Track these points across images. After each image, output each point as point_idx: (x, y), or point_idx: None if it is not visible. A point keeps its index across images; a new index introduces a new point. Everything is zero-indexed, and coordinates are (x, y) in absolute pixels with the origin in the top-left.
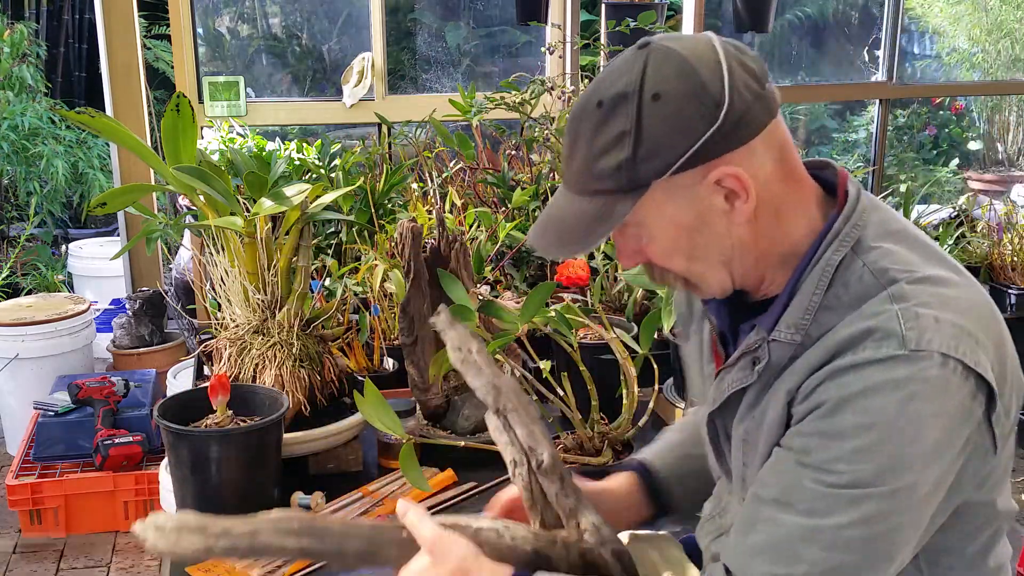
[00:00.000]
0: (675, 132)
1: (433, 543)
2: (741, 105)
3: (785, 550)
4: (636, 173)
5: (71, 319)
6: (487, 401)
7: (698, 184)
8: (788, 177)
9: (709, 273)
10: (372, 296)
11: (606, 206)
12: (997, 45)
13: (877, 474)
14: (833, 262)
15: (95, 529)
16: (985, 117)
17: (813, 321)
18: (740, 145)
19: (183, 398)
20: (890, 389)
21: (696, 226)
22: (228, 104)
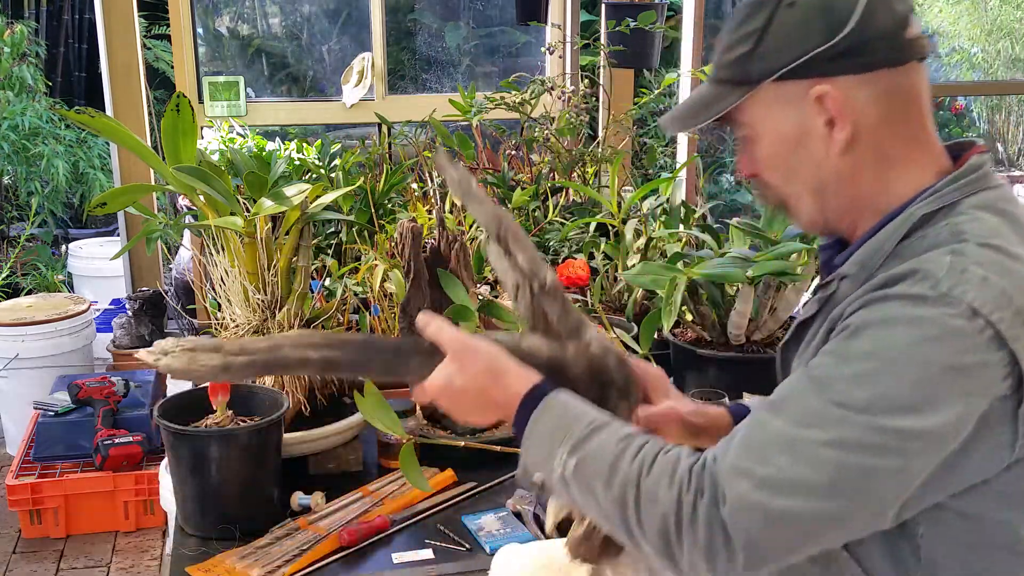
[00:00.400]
0: (793, 39)
1: (459, 347)
2: (865, 35)
3: (759, 449)
4: (747, 68)
5: (71, 319)
6: (489, 229)
7: (802, 98)
8: (905, 130)
9: (802, 198)
10: (372, 296)
11: (720, 93)
12: (997, 45)
13: (869, 403)
14: (917, 214)
15: (95, 529)
16: (985, 117)
17: (881, 266)
18: (851, 73)
19: (183, 398)
20: (905, 325)
21: (796, 141)
22: (228, 104)
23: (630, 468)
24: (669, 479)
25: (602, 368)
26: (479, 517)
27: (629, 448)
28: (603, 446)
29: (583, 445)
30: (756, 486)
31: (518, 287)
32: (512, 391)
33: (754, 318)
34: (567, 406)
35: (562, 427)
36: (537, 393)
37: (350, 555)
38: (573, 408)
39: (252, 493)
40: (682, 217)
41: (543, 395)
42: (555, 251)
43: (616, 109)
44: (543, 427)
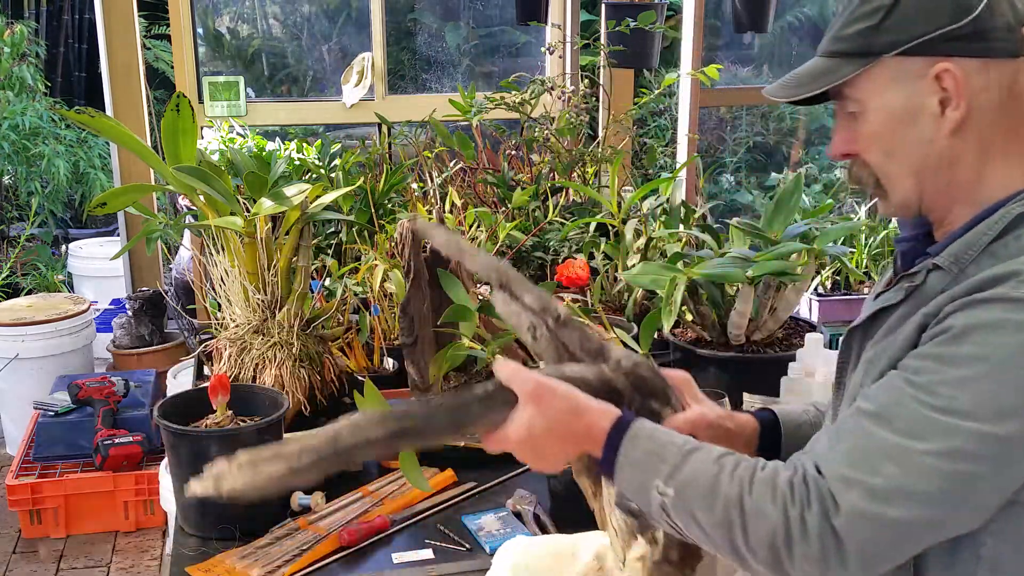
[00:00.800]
0: (921, 16)
1: (536, 389)
2: (990, 22)
3: (868, 459)
4: (871, 40)
5: (71, 319)
6: (491, 279)
7: (921, 77)
8: (1009, 124)
9: (900, 178)
10: (372, 296)
11: (836, 64)
12: None
13: (975, 407)
14: (1014, 212)
15: (95, 529)
16: None
17: (974, 261)
18: (973, 56)
19: (183, 398)
20: (1012, 329)
21: (905, 119)
22: (228, 104)
23: (730, 489)
24: (771, 495)
25: (641, 380)
26: (479, 517)
27: (724, 470)
28: (699, 470)
29: (679, 472)
30: (868, 496)
31: (534, 326)
32: (597, 427)
33: (754, 318)
34: (653, 435)
35: (653, 456)
36: (621, 425)
37: (350, 555)
38: (659, 435)
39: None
40: (682, 217)
41: (627, 426)
42: (555, 251)
43: (616, 109)
44: (634, 458)
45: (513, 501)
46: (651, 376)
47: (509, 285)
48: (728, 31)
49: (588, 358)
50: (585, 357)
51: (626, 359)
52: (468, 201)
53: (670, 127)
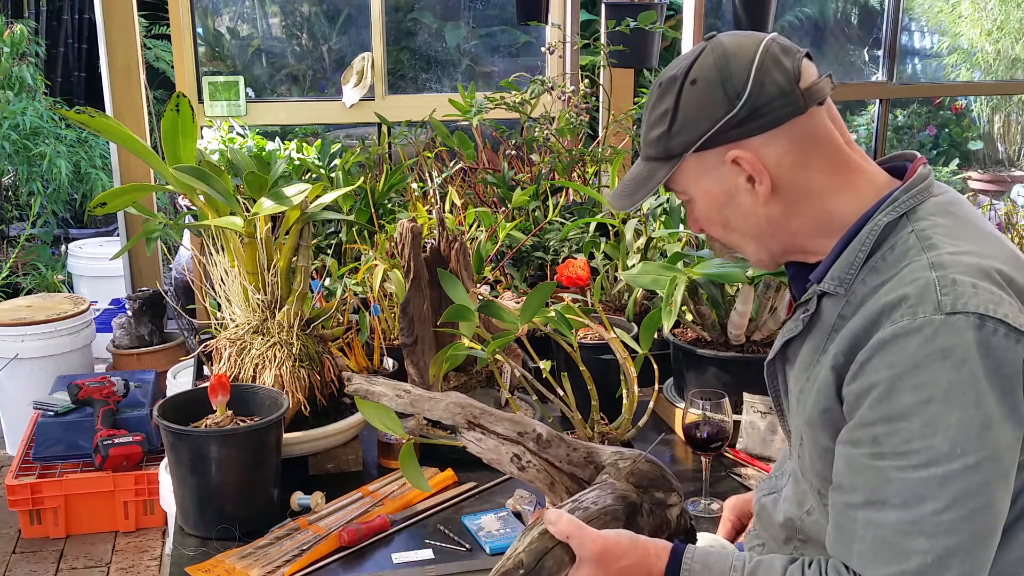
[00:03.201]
0: (700, 114)
1: (602, 552)
2: (762, 99)
3: (893, 548)
4: (669, 145)
5: (71, 319)
6: (456, 421)
7: (720, 163)
8: (823, 166)
9: (743, 244)
10: (372, 296)
11: (651, 170)
12: (997, 45)
13: (952, 445)
14: (882, 223)
15: (95, 529)
16: (985, 117)
17: (857, 279)
18: (757, 133)
19: (183, 398)
20: (939, 359)
21: (725, 200)
22: (228, 104)
23: None
24: None
25: (641, 475)
26: (479, 517)
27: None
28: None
29: None
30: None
31: (516, 456)
32: (656, 569)
33: (754, 318)
34: (708, 564)
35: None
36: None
37: (350, 555)
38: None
39: (252, 493)
40: (682, 217)
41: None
42: (555, 251)
43: (616, 109)
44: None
45: (513, 501)
46: (649, 468)
47: (478, 421)
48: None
49: (577, 469)
50: (574, 469)
51: (622, 460)
52: (468, 201)
53: None
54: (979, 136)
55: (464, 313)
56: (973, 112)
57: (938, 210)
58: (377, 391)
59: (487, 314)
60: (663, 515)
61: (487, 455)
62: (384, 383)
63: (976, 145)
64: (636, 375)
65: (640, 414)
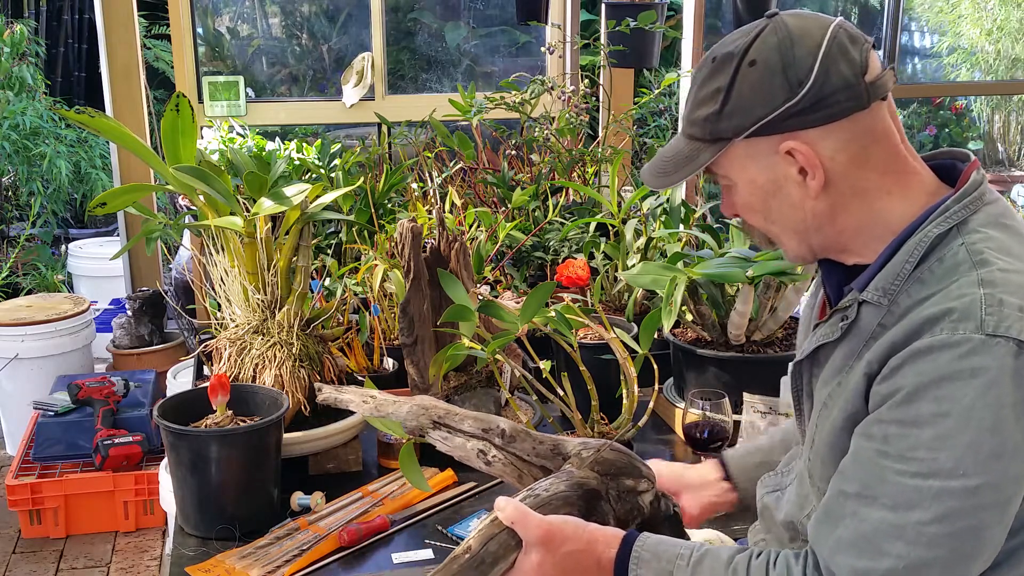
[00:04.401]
0: (757, 98)
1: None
2: (826, 90)
3: (870, 544)
4: (718, 127)
5: (71, 319)
6: (420, 422)
7: (773, 152)
8: (880, 165)
9: (784, 237)
10: (372, 296)
11: (694, 151)
12: (997, 45)
13: (955, 463)
14: (932, 234)
15: (95, 529)
16: (985, 117)
17: (903, 290)
18: (816, 125)
19: (183, 398)
20: (967, 376)
21: (772, 190)
22: (228, 104)
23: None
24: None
25: (606, 463)
26: (468, 523)
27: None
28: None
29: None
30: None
31: (482, 451)
32: (605, 557)
33: (754, 318)
34: (657, 551)
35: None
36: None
37: (350, 555)
38: (663, 550)
39: (252, 493)
40: (682, 217)
41: (629, 550)
42: (555, 251)
43: (616, 109)
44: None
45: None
46: (615, 456)
47: (443, 421)
48: (728, 31)
49: (546, 461)
50: (543, 462)
51: (586, 450)
52: (468, 201)
53: (670, 127)
54: (979, 136)
55: (464, 313)
56: (973, 112)
57: (990, 222)
58: (345, 399)
59: (487, 314)
60: (634, 501)
61: (456, 452)
62: (351, 390)
63: (976, 145)
64: (636, 375)
65: (640, 414)
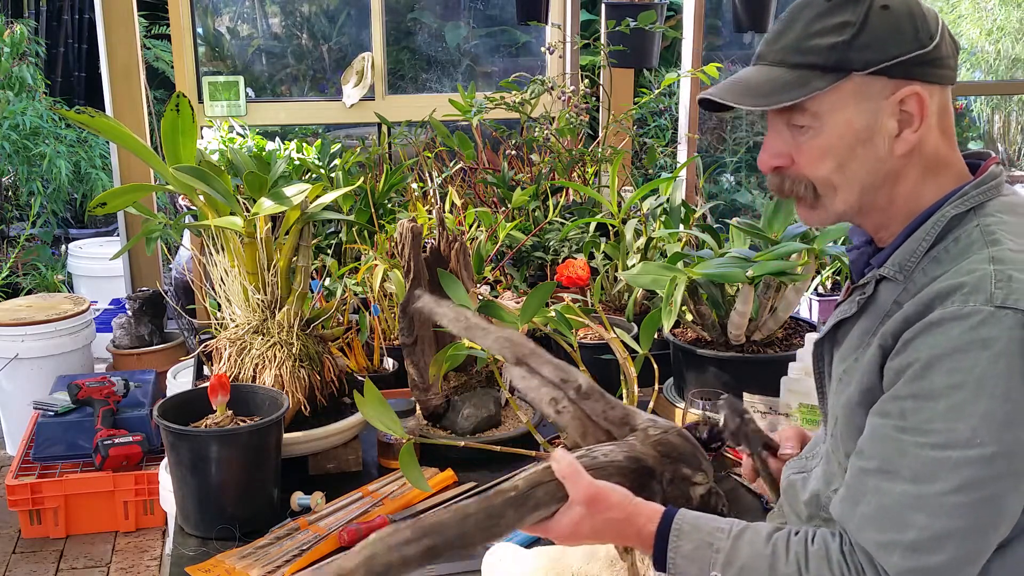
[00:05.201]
0: (892, 37)
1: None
2: (945, 51)
3: (893, 518)
4: (847, 55)
5: (71, 319)
6: (504, 355)
7: (885, 97)
8: (947, 142)
9: (844, 190)
10: (372, 296)
11: (804, 77)
12: (997, 45)
13: (972, 433)
14: (948, 215)
15: (95, 529)
16: (985, 117)
17: (918, 268)
18: (931, 82)
19: (183, 398)
20: (978, 348)
21: (864, 137)
22: (228, 104)
23: (788, 568)
24: (828, 568)
25: (670, 446)
26: None
27: (779, 548)
28: (753, 554)
29: (733, 558)
30: (908, 553)
31: (555, 400)
32: (646, 531)
33: (754, 318)
34: (697, 524)
35: (704, 547)
36: (664, 524)
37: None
38: (703, 523)
39: (252, 493)
40: (682, 217)
41: (670, 523)
42: (555, 251)
43: (616, 109)
44: (685, 552)
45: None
46: (680, 442)
47: (526, 360)
48: (728, 31)
49: (613, 427)
50: (610, 426)
51: (653, 428)
52: (468, 201)
53: (670, 127)
54: (979, 136)
55: None
56: (973, 112)
57: (1006, 208)
58: (442, 311)
59: (487, 314)
60: (685, 490)
61: (529, 393)
62: (449, 305)
63: (976, 145)
64: (636, 375)
65: None
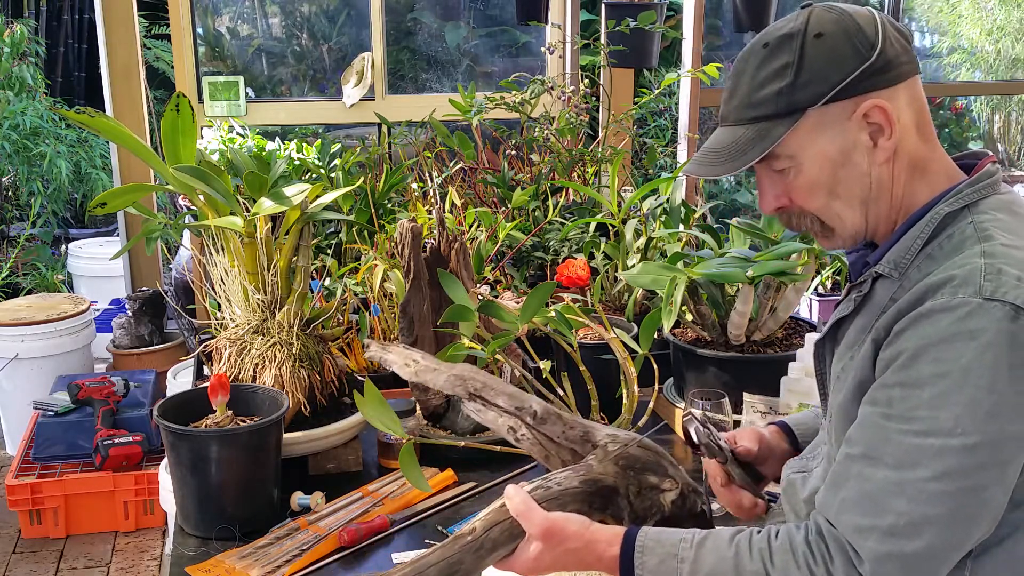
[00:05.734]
0: (832, 65)
1: (547, 532)
2: (891, 51)
3: (873, 503)
4: (794, 98)
5: (71, 319)
6: (457, 392)
7: (847, 118)
8: (925, 136)
9: (847, 212)
10: (372, 296)
11: (763, 129)
12: (997, 45)
13: (955, 422)
14: (942, 212)
15: (95, 529)
16: (985, 117)
17: (913, 264)
18: (887, 86)
19: (183, 398)
20: (965, 338)
21: (841, 160)
22: (228, 104)
23: (754, 566)
24: (794, 559)
25: (631, 459)
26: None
27: (741, 547)
28: (718, 558)
29: (699, 566)
30: (885, 537)
31: (512, 428)
32: (608, 555)
33: (754, 318)
34: (660, 539)
35: (668, 559)
36: (627, 544)
37: (350, 555)
38: (666, 537)
39: (252, 493)
40: (682, 217)
41: (633, 542)
42: (555, 251)
43: (616, 109)
44: (651, 569)
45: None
46: (641, 452)
47: (479, 393)
48: (728, 31)
49: (576, 446)
50: (572, 445)
51: (612, 443)
52: (468, 201)
53: (670, 127)
54: (979, 136)
55: (464, 313)
56: (973, 112)
57: (1000, 206)
58: (389, 358)
59: (487, 314)
60: (655, 499)
61: (488, 425)
62: (397, 351)
63: (976, 145)
64: (636, 375)
65: (640, 414)
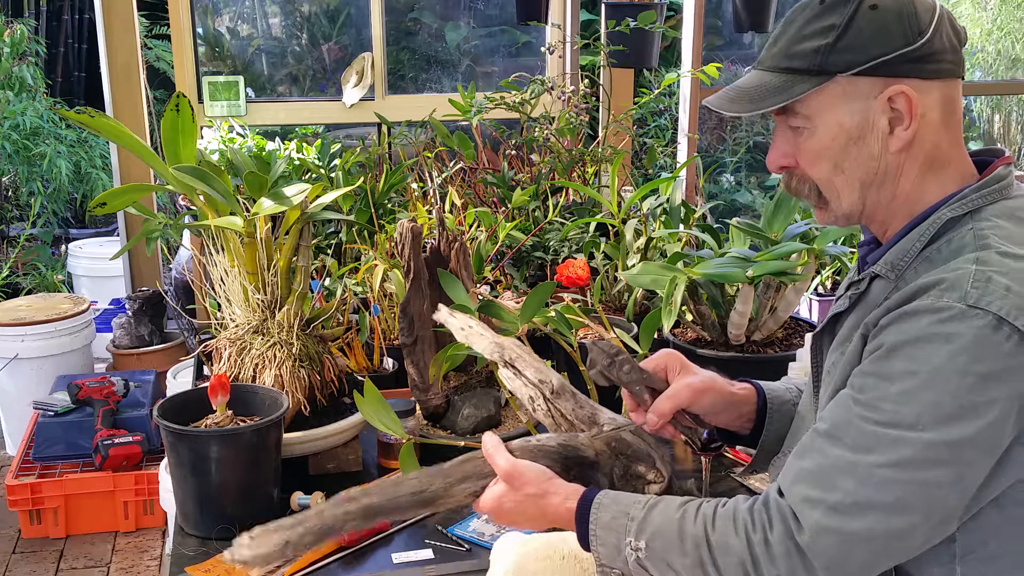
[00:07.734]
0: (875, 38)
1: (509, 473)
2: (938, 44)
3: (825, 478)
4: (828, 60)
5: (71, 319)
6: (494, 358)
7: (873, 96)
8: (950, 137)
9: (846, 190)
10: (372, 296)
11: (789, 81)
12: (997, 45)
13: (917, 418)
14: (944, 217)
15: (95, 529)
16: (985, 117)
17: (911, 267)
18: (923, 78)
19: (183, 398)
20: (941, 341)
21: (855, 136)
22: (228, 104)
23: (695, 529)
24: (733, 526)
25: (622, 443)
26: (467, 523)
27: (688, 512)
28: (665, 519)
29: (646, 525)
30: (829, 512)
31: (532, 398)
32: (564, 507)
33: (754, 318)
34: (617, 499)
35: (620, 516)
36: (587, 499)
37: (350, 555)
38: (623, 498)
39: (252, 493)
40: (682, 217)
41: (591, 499)
42: (555, 251)
43: (616, 109)
44: (603, 523)
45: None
46: (633, 439)
47: (513, 363)
48: (728, 31)
49: (583, 424)
50: (579, 423)
51: (608, 424)
52: (468, 201)
53: (670, 127)
54: (979, 136)
55: (464, 313)
56: (973, 112)
57: (1004, 213)
58: (452, 322)
59: (487, 314)
60: (639, 488)
61: (516, 391)
62: (460, 316)
63: (976, 145)
64: None
65: None
